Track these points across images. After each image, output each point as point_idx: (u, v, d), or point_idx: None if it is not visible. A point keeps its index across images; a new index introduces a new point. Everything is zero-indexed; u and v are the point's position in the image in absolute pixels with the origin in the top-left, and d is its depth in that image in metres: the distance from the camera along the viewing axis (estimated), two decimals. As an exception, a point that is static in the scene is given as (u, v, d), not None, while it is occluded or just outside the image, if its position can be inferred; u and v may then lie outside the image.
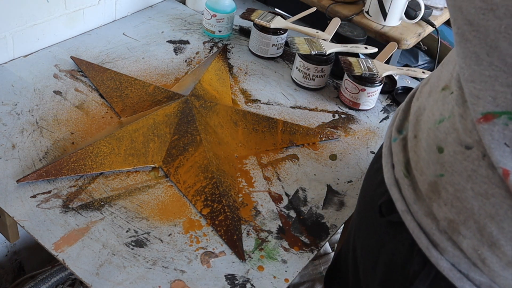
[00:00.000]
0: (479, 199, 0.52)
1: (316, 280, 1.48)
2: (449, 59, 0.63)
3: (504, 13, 0.45)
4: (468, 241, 0.54)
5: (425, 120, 0.61)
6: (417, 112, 0.64)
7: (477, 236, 0.53)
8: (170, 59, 1.19)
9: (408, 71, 1.14)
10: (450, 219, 0.55)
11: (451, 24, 0.53)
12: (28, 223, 0.78)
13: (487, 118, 0.49)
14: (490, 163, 0.51)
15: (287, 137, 1.02)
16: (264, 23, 1.20)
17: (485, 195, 0.52)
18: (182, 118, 0.96)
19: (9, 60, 1.08)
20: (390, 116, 1.14)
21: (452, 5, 0.52)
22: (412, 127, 0.63)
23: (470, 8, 0.48)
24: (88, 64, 1.09)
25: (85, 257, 0.75)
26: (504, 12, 0.45)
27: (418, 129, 0.61)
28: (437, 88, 0.61)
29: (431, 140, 0.58)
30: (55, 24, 1.13)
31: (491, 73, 0.48)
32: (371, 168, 0.75)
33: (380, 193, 0.68)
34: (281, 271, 0.78)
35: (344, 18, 1.30)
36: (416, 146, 0.61)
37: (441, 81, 0.61)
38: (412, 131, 0.62)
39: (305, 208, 0.89)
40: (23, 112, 0.97)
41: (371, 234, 0.71)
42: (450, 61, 0.62)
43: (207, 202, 0.85)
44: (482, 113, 0.49)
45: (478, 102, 0.50)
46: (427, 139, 0.59)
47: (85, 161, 0.86)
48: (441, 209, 0.56)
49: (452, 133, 0.55)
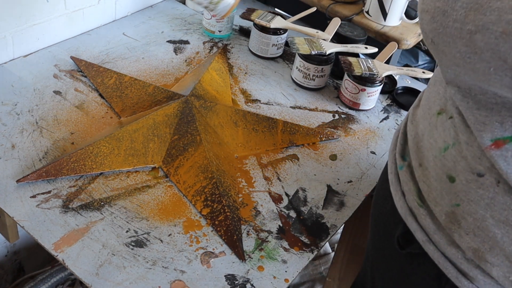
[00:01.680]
0: (501, 226, 0.51)
1: (316, 280, 1.48)
2: (436, 79, 0.62)
3: (490, 56, 0.44)
4: (498, 269, 0.53)
5: (427, 147, 0.60)
6: (415, 139, 0.63)
7: (505, 263, 0.52)
8: (170, 59, 1.18)
9: (408, 71, 1.14)
10: (475, 248, 0.54)
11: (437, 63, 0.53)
12: (28, 223, 0.78)
13: (498, 144, 0.48)
14: (506, 189, 0.50)
15: (287, 137, 1.01)
16: (264, 23, 1.20)
17: (507, 222, 0.51)
18: (182, 118, 0.96)
19: (9, 60, 1.08)
20: (390, 116, 1.14)
21: (434, 49, 0.52)
22: (415, 155, 0.62)
23: (455, 52, 0.48)
24: (88, 64, 1.09)
25: (85, 257, 0.75)
26: (490, 55, 0.44)
27: (422, 157, 0.60)
28: (430, 111, 0.60)
29: (439, 169, 0.57)
30: (55, 24, 1.13)
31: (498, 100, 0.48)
32: (379, 195, 0.73)
33: (394, 223, 0.66)
34: (281, 271, 0.78)
35: (344, 18, 1.30)
36: (424, 175, 0.59)
37: (434, 104, 0.60)
38: (416, 159, 0.61)
39: (305, 208, 0.89)
40: (23, 112, 0.97)
41: (391, 266, 0.69)
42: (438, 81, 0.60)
43: (207, 202, 0.85)
44: (492, 140, 0.48)
45: (485, 128, 0.49)
46: (434, 168, 0.58)
47: (85, 161, 0.86)
48: (463, 239, 0.55)
49: (461, 161, 0.54)
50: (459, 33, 0.46)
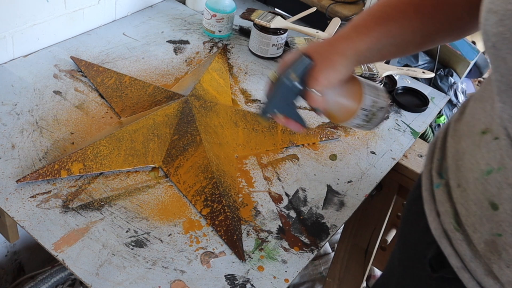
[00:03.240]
0: None
1: (316, 280, 1.48)
2: (483, 95, 0.57)
3: None
4: None
5: (467, 168, 0.56)
6: (455, 156, 0.59)
7: None
8: (170, 59, 1.18)
9: (408, 71, 1.14)
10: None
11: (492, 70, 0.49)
12: (28, 223, 0.78)
13: None
14: None
15: (287, 137, 1.02)
16: (264, 23, 1.20)
17: None
18: (182, 118, 0.96)
19: (9, 60, 1.08)
20: (390, 116, 1.14)
21: (494, 54, 0.48)
22: (454, 174, 0.58)
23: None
24: (88, 64, 1.09)
25: (85, 257, 0.75)
26: None
27: (461, 177, 0.56)
28: (474, 129, 0.56)
29: (480, 194, 0.53)
30: (55, 24, 1.13)
31: None
32: (411, 210, 0.70)
33: (427, 243, 0.63)
34: (281, 271, 0.78)
35: (344, 18, 1.30)
36: (463, 197, 0.56)
37: (478, 121, 0.56)
38: (455, 179, 0.58)
39: (305, 208, 0.89)
40: (23, 112, 0.97)
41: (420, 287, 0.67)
42: (485, 98, 0.56)
43: (207, 202, 0.85)
44: None
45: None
46: (475, 192, 0.54)
47: (85, 161, 0.86)
48: (503, 272, 0.51)
49: (507, 189, 0.50)
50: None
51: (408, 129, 1.11)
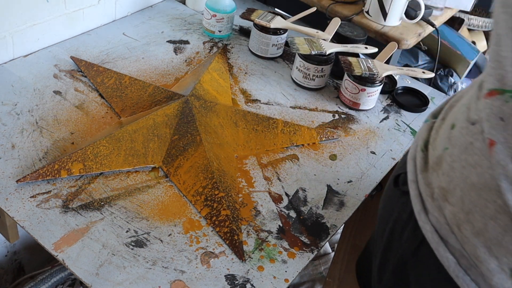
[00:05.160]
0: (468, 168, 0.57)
1: (316, 280, 1.48)
2: None
3: None
4: (451, 208, 0.59)
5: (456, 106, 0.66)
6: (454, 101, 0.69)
7: (459, 204, 0.59)
8: (170, 59, 1.18)
9: (408, 71, 1.14)
10: (442, 187, 0.61)
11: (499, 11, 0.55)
12: (28, 223, 0.78)
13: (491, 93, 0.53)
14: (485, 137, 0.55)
15: (287, 137, 1.02)
16: (264, 23, 1.20)
17: (474, 165, 0.56)
18: (182, 118, 0.96)
19: (9, 60, 1.08)
20: (390, 116, 1.14)
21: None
22: (444, 111, 0.68)
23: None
24: (88, 64, 1.09)
25: (85, 257, 0.75)
26: None
27: (448, 113, 0.66)
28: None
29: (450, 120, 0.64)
30: (55, 24, 1.13)
31: (506, 54, 0.51)
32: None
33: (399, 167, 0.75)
34: (281, 271, 0.78)
35: (344, 18, 1.30)
36: (440, 126, 0.66)
37: None
38: (442, 114, 0.68)
39: (305, 208, 0.89)
40: (23, 112, 0.97)
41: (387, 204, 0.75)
42: None
43: (207, 202, 0.85)
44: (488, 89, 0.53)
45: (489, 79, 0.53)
46: (449, 120, 0.65)
47: (85, 161, 0.86)
48: (437, 178, 0.62)
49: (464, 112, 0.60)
50: None
51: (408, 129, 1.11)
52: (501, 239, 0.55)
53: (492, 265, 0.56)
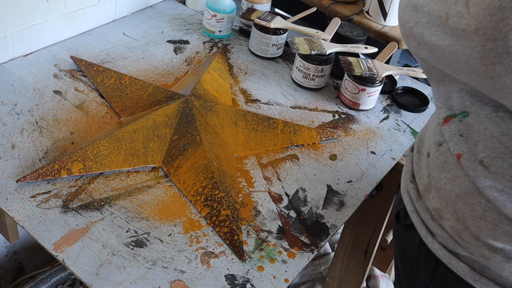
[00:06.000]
0: (450, 183, 0.66)
1: (316, 280, 1.48)
2: None
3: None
4: (448, 222, 0.67)
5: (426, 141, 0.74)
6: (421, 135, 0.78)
7: (453, 216, 0.66)
8: (170, 59, 1.18)
9: (408, 71, 1.14)
10: (436, 208, 0.69)
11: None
12: (28, 223, 0.78)
13: (447, 120, 0.64)
14: (453, 153, 0.64)
15: (287, 137, 1.02)
16: (264, 23, 1.20)
17: (453, 179, 0.65)
18: (182, 118, 0.96)
19: (9, 60, 1.08)
20: (390, 116, 1.14)
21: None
22: (417, 145, 0.77)
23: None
24: (88, 63, 1.09)
25: (85, 257, 0.75)
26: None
27: (422, 146, 0.75)
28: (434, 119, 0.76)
29: (425, 150, 0.73)
30: (55, 24, 1.13)
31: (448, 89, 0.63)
32: None
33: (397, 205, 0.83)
34: (281, 271, 0.78)
35: (344, 18, 1.30)
36: (419, 158, 0.75)
37: None
38: (416, 148, 0.77)
39: (305, 208, 0.89)
40: (23, 112, 0.97)
41: (398, 243, 0.83)
42: None
43: (207, 202, 0.85)
44: (443, 118, 0.64)
45: (441, 111, 0.65)
46: (424, 151, 0.73)
47: (85, 161, 0.86)
48: (430, 202, 0.70)
49: (433, 138, 0.69)
50: None
51: (408, 129, 1.11)
52: (494, 233, 0.62)
53: (498, 258, 0.63)
